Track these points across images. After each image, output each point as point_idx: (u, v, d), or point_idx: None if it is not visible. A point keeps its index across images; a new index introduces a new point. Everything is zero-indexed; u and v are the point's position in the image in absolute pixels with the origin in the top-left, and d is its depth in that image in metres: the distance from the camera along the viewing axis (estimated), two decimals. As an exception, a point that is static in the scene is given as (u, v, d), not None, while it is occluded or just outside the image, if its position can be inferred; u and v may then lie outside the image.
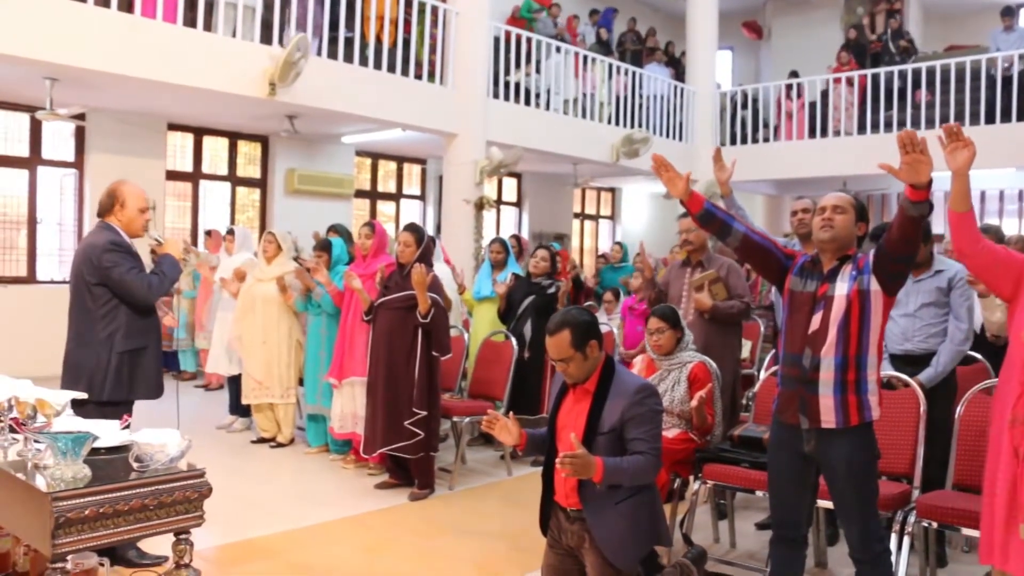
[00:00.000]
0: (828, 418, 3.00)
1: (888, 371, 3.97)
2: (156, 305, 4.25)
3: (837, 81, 12.41)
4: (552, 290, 6.33)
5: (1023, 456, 2.76)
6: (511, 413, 3.25)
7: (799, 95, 12.85)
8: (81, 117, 9.27)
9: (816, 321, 3.02)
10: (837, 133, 12.42)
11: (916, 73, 11.81)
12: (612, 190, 16.69)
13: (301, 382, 6.43)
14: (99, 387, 3.85)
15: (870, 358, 3.01)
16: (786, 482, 3.19)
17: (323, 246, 6.23)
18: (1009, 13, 12.47)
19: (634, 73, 12.63)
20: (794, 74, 13.42)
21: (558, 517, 3.20)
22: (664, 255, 10.60)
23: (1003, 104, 10.93)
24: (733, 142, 13.33)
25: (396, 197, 13.42)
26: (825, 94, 12.59)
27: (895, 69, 12.02)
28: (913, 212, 2.77)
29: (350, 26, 8.89)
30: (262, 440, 6.52)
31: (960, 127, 2.77)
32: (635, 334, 7.07)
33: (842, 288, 3.00)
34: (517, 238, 8.20)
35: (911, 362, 4.20)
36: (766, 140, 13.26)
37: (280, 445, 6.44)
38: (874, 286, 2.97)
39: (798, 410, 3.06)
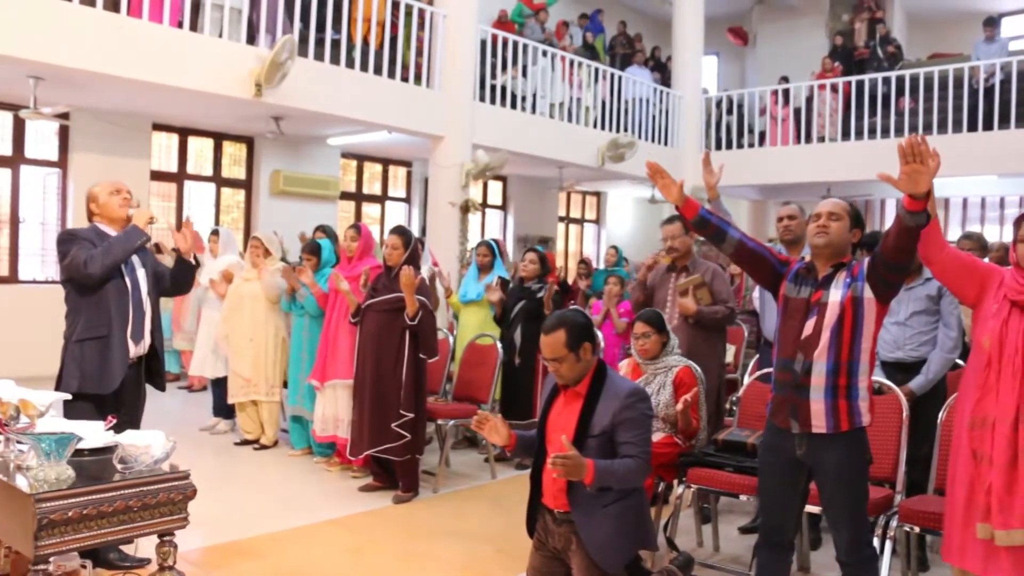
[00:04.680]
0: (819, 423, 3.02)
1: (880, 378, 3.99)
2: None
3: (822, 88, 12.48)
4: (541, 294, 6.33)
5: (981, 458, 2.84)
6: (499, 415, 3.25)
7: (785, 101, 12.91)
8: (65, 116, 9.20)
9: (809, 327, 3.04)
10: (822, 139, 12.49)
11: (900, 80, 11.90)
12: (597, 194, 16.72)
13: (285, 384, 6.41)
14: (62, 380, 3.75)
15: (862, 364, 3.03)
16: (777, 486, 3.21)
17: (313, 249, 6.20)
18: (991, 23, 12.59)
19: (620, 78, 12.66)
20: (784, 79, 13.49)
21: (545, 519, 3.20)
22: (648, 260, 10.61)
23: (985, 112, 11.02)
24: (719, 147, 13.38)
25: (382, 199, 13.40)
26: (810, 100, 12.67)
27: (879, 76, 12.11)
28: (910, 222, 2.76)
29: (337, 28, 8.88)
30: (246, 442, 6.49)
31: (925, 140, 2.70)
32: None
33: (836, 295, 3.02)
34: (496, 242, 8.20)
35: (903, 370, 4.25)
36: (751, 145, 13.32)
37: (264, 447, 6.41)
38: (868, 294, 2.99)
39: (789, 415, 3.08)
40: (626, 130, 12.49)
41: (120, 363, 3.83)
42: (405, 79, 9.52)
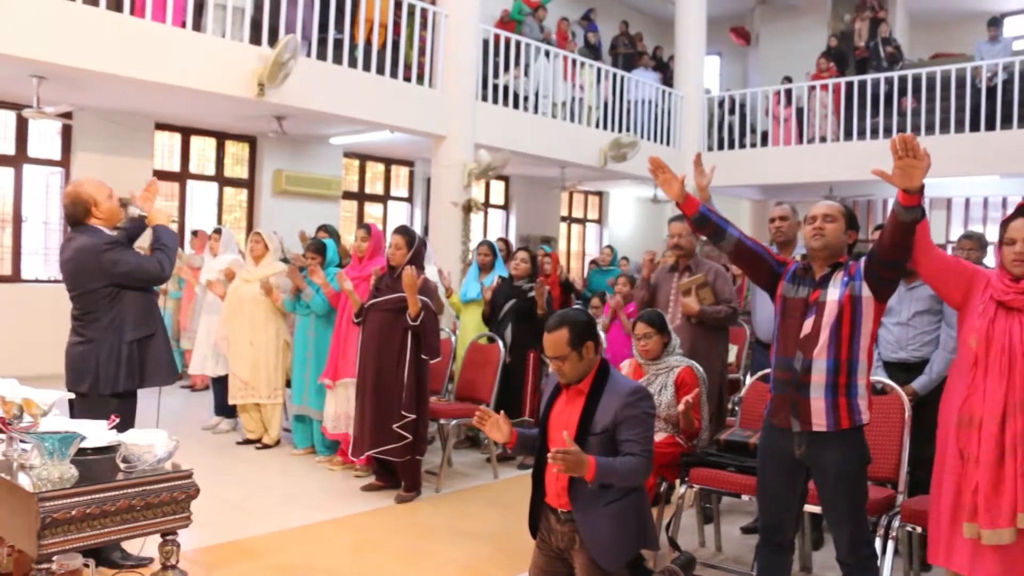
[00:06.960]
0: (819, 421, 3.03)
1: (882, 378, 3.99)
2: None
3: (824, 88, 12.47)
4: (532, 293, 6.31)
5: (968, 457, 2.88)
6: (502, 411, 3.25)
7: (787, 101, 12.90)
8: (68, 116, 9.22)
9: (808, 325, 3.05)
10: (823, 139, 12.48)
11: (902, 80, 11.89)
12: (599, 194, 16.72)
13: (289, 383, 6.41)
14: (111, 379, 3.81)
15: (861, 363, 3.03)
16: (776, 487, 3.21)
17: (318, 248, 6.20)
18: (995, 23, 12.58)
19: (622, 77, 12.67)
20: (787, 79, 13.48)
21: (548, 518, 3.20)
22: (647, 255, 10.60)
23: (987, 112, 11.00)
24: (720, 147, 13.38)
25: (384, 199, 13.40)
26: (811, 100, 12.66)
27: (881, 76, 12.09)
28: (906, 217, 2.79)
29: (340, 28, 8.88)
30: (248, 441, 6.50)
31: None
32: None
33: (834, 294, 3.03)
34: (504, 241, 8.22)
35: (906, 370, 4.25)
36: (753, 145, 13.31)
37: (266, 446, 6.42)
38: (866, 292, 3.01)
39: (790, 413, 3.09)
40: (628, 130, 12.50)
41: (170, 355, 4.09)
42: (407, 79, 9.52)
